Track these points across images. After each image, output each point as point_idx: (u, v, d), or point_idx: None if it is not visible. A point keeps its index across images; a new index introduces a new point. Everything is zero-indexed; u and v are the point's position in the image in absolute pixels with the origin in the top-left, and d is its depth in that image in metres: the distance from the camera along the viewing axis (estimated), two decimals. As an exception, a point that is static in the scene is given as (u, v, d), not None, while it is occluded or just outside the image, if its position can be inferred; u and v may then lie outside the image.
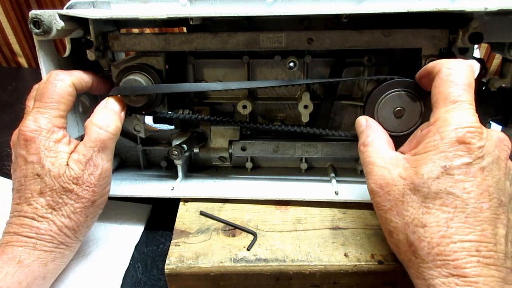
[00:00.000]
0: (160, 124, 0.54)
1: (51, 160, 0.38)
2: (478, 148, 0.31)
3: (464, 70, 0.34)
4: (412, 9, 0.37)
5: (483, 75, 0.48)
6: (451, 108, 0.33)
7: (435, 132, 0.33)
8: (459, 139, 0.31)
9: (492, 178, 0.31)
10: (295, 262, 0.40)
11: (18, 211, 0.38)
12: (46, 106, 0.39)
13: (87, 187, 0.39)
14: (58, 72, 0.41)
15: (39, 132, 0.38)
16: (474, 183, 0.31)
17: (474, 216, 0.30)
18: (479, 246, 0.30)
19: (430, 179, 0.32)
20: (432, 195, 0.32)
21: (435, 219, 0.31)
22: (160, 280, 0.45)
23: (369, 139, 0.38)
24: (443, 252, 0.30)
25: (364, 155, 0.38)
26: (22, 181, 0.39)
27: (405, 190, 0.33)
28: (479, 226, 0.30)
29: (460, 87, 0.33)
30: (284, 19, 0.46)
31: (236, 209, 0.48)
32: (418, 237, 0.32)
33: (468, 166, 0.31)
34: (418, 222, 0.32)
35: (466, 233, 0.30)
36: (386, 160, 0.36)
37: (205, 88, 0.44)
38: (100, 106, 0.42)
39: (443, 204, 0.31)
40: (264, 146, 0.51)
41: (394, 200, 0.34)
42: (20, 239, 0.37)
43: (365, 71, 0.49)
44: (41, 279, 0.38)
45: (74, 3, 0.42)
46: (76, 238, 0.40)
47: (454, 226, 0.30)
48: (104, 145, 0.40)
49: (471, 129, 0.31)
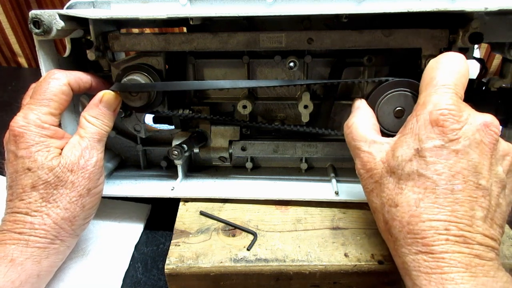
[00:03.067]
0: (160, 124, 0.54)
1: (43, 153, 0.38)
2: (451, 130, 0.31)
3: (449, 57, 0.35)
4: (412, 9, 0.37)
5: (483, 75, 0.48)
6: (430, 92, 0.34)
7: (413, 115, 0.34)
8: (433, 121, 0.32)
9: (467, 161, 0.31)
10: (295, 262, 0.40)
11: (11, 208, 0.38)
12: (37, 102, 0.40)
13: (82, 173, 0.39)
14: (54, 71, 0.41)
15: (28, 127, 0.38)
16: (446, 165, 0.31)
17: (444, 197, 0.31)
18: (449, 225, 0.30)
19: (403, 161, 0.33)
20: (405, 176, 0.33)
21: (406, 199, 0.32)
22: (160, 280, 0.45)
23: (352, 120, 0.40)
24: (413, 231, 0.31)
25: (348, 137, 0.39)
26: (13, 176, 0.39)
27: (383, 173, 0.35)
28: (449, 206, 0.31)
29: (441, 72, 0.34)
30: (284, 19, 0.46)
31: (236, 209, 0.48)
32: (391, 216, 0.33)
33: (440, 148, 0.31)
34: (392, 202, 0.33)
35: (435, 213, 0.31)
36: (371, 145, 0.37)
37: (208, 86, 0.44)
38: (94, 100, 0.42)
39: (415, 185, 0.32)
40: (264, 146, 0.51)
41: (375, 182, 0.35)
42: (13, 236, 0.37)
43: (365, 71, 0.49)
44: (35, 277, 0.38)
45: (74, 3, 0.42)
46: (73, 232, 0.40)
47: (423, 206, 0.31)
48: (99, 138, 0.41)
49: (444, 111, 0.32)
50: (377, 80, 0.42)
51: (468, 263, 0.29)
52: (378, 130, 0.39)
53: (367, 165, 0.36)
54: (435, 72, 0.35)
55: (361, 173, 0.37)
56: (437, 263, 0.29)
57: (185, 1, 0.41)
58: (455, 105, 0.32)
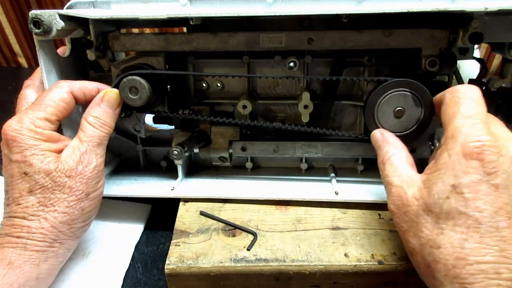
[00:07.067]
0: (160, 124, 0.54)
1: (38, 157, 0.38)
2: (488, 163, 0.29)
3: (468, 90, 0.34)
4: (412, 9, 0.37)
5: (483, 75, 0.48)
6: (458, 124, 0.32)
7: (444, 149, 0.32)
8: (467, 155, 0.30)
9: (509, 195, 0.29)
10: (295, 262, 0.40)
11: (8, 212, 0.38)
12: (34, 108, 0.39)
13: (80, 179, 0.39)
14: (59, 81, 0.42)
15: (20, 131, 0.38)
16: (487, 201, 0.29)
17: (489, 236, 0.29)
18: (499, 268, 0.28)
19: (441, 199, 0.31)
20: (444, 215, 0.31)
21: (449, 240, 0.30)
22: (160, 280, 0.45)
23: (387, 156, 0.37)
24: (460, 275, 0.29)
25: (383, 174, 0.37)
26: (9, 181, 0.38)
27: (419, 211, 0.32)
28: (497, 246, 0.28)
29: (464, 105, 0.33)
30: (284, 19, 0.46)
31: (236, 209, 0.48)
32: (433, 259, 0.31)
33: (478, 183, 0.29)
34: (433, 243, 0.31)
35: (483, 254, 0.28)
36: (403, 179, 0.35)
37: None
38: (95, 101, 0.42)
39: (456, 224, 0.30)
40: (264, 146, 0.51)
41: (410, 221, 0.33)
42: (11, 240, 0.37)
43: (365, 71, 0.49)
44: (34, 280, 0.37)
45: (74, 3, 0.42)
46: (73, 234, 0.40)
47: (468, 247, 0.29)
48: (99, 141, 0.40)
49: (477, 143, 0.30)
50: (377, 80, 0.42)
51: None
52: (414, 164, 0.37)
53: (398, 201, 0.34)
54: (457, 105, 0.33)
55: (393, 210, 0.35)
56: None
57: (185, 1, 0.41)
58: (488, 135, 0.30)
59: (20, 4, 1.03)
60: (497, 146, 0.30)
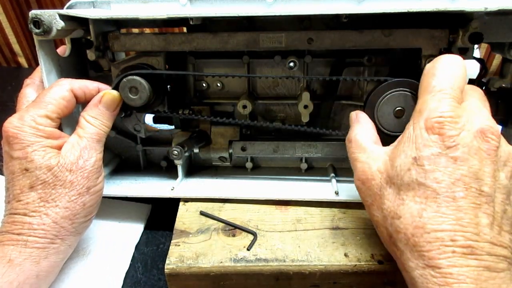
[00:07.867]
0: (160, 124, 0.54)
1: (39, 153, 0.38)
2: (448, 137, 0.31)
3: (445, 61, 0.34)
4: (412, 9, 0.37)
5: (483, 75, 0.48)
6: (427, 98, 0.33)
7: (411, 123, 0.33)
8: (429, 129, 0.31)
9: (468, 168, 0.30)
10: (295, 262, 0.40)
11: (9, 209, 0.38)
12: (35, 105, 0.40)
13: (81, 173, 0.39)
14: (60, 79, 0.42)
15: (21, 128, 0.38)
16: (446, 173, 0.30)
17: (446, 205, 0.30)
18: (454, 235, 0.29)
19: (402, 170, 0.32)
20: (405, 186, 0.32)
21: (408, 210, 0.31)
22: (160, 280, 0.45)
23: (353, 134, 0.39)
24: (418, 243, 0.30)
25: (349, 151, 0.39)
26: (10, 178, 0.39)
27: (382, 184, 0.34)
28: (453, 215, 0.29)
29: (438, 77, 0.33)
30: (284, 19, 0.46)
31: (236, 209, 0.48)
32: (395, 229, 0.32)
33: (438, 156, 0.31)
34: (394, 214, 0.32)
35: (439, 222, 0.30)
36: (368, 155, 0.36)
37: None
38: (94, 100, 0.42)
39: (415, 195, 0.31)
40: (264, 146, 0.51)
41: (374, 195, 0.34)
42: (12, 237, 0.37)
43: (365, 71, 0.49)
44: (34, 278, 0.37)
45: (74, 3, 0.42)
46: (75, 230, 0.40)
47: (426, 216, 0.30)
48: (98, 138, 0.41)
49: (440, 119, 0.31)
50: (377, 80, 0.42)
51: (477, 278, 0.28)
52: (378, 141, 0.38)
53: (363, 175, 0.35)
54: (432, 77, 0.34)
55: (358, 186, 0.36)
56: (445, 279, 0.28)
57: (185, 1, 0.41)
58: (452, 111, 0.31)
59: (20, 4, 1.03)
60: (458, 122, 0.31)
